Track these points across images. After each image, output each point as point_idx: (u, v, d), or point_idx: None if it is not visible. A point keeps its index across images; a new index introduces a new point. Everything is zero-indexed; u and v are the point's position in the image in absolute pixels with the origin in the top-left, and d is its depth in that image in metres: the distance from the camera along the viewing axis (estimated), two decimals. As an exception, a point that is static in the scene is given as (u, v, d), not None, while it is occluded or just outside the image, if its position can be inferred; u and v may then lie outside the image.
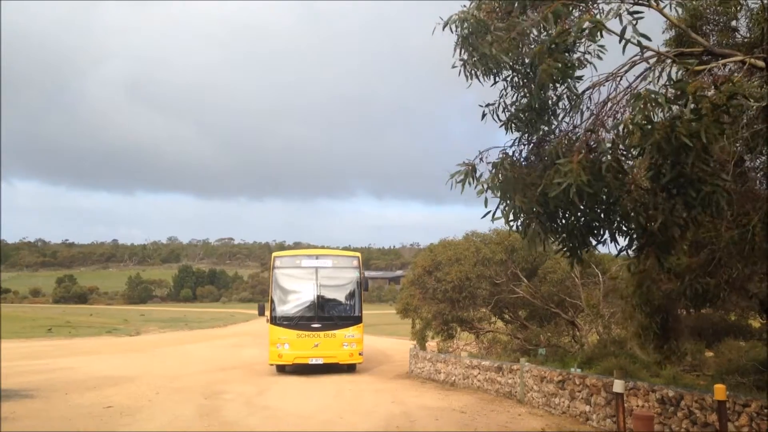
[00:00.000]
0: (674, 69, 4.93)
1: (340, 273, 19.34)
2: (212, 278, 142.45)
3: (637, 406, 8.97)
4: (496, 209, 5.87)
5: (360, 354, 18.65)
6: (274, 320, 18.52)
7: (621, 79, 5.77)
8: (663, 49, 5.78)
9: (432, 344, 21.53)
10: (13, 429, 10.15)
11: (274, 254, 20.05)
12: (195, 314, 78.02)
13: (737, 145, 6.44)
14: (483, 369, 14.46)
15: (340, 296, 19.39)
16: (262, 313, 19.78)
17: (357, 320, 18.91)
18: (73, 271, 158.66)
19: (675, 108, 4.61)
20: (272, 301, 18.81)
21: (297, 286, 19.14)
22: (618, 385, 5.30)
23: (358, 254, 20.46)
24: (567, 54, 5.40)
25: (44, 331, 41.85)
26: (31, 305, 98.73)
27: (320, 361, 18.23)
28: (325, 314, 18.81)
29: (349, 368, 19.16)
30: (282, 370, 19.02)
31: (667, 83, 4.70)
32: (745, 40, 7.88)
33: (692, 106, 4.49)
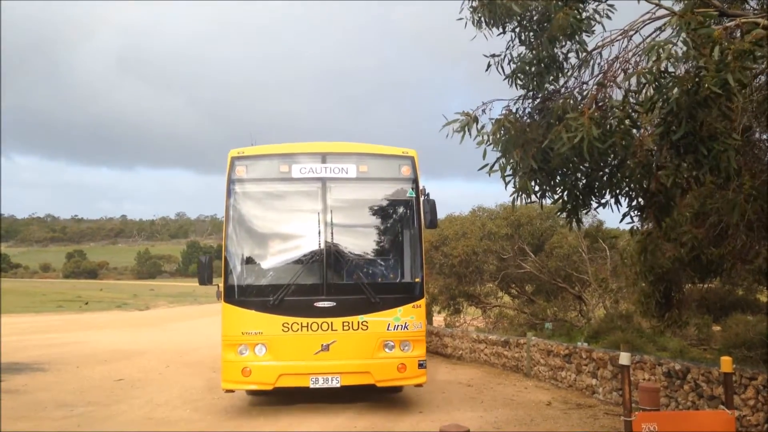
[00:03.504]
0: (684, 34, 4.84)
1: (375, 191, 9.71)
2: (220, 254, 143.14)
3: (644, 379, 9.01)
4: (495, 163, 5.83)
5: (421, 365, 9.17)
6: (233, 295, 9.33)
7: (631, 38, 5.69)
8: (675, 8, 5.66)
9: (439, 319, 21.66)
10: (27, 401, 10.31)
11: (231, 153, 9.58)
12: (203, 289, 78.44)
13: (745, 114, 6.36)
14: (490, 343, 14.52)
15: (376, 242, 9.88)
16: (206, 279, 9.99)
17: (412, 292, 9.35)
18: (82, 246, 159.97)
19: (693, 60, 4.52)
20: (228, 258, 9.50)
21: (282, 222, 9.83)
22: (624, 358, 5.30)
23: (414, 152, 9.85)
24: (581, 5, 5.31)
25: (54, 306, 42.30)
26: (41, 280, 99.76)
27: (334, 382, 8.89)
28: (344, 280, 9.38)
29: (388, 390, 9.92)
30: (256, 394, 10.27)
31: (688, 32, 4.59)
32: (755, 10, 7.78)
33: (718, 53, 4.39)
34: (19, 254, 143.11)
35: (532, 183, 5.83)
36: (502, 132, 5.67)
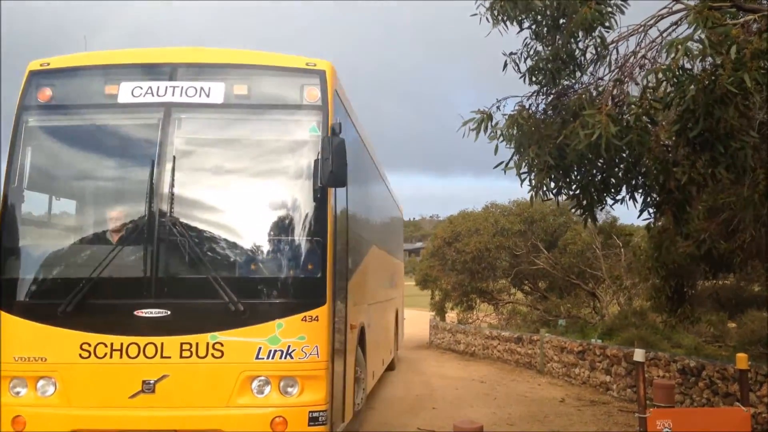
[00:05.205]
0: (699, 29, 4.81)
1: (255, 126, 5.76)
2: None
3: (658, 376, 8.97)
4: (509, 160, 5.84)
5: (314, 419, 5.16)
6: (5, 296, 5.38)
7: (645, 33, 5.67)
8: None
9: (452, 315, 21.66)
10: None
11: (31, 66, 5.83)
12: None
13: (763, 109, 6.31)
14: (502, 340, 14.51)
15: (247, 210, 5.61)
16: None
17: (304, 294, 5.35)
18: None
19: (710, 58, 4.51)
20: (2, 235, 5.48)
21: (92, 177, 5.96)
22: (638, 354, 5.30)
23: (327, 65, 5.76)
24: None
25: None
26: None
27: None
28: (186, 273, 5.33)
29: None
30: None
31: (706, 30, 4.56)
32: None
33: (735, 52, 4.36)
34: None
35: (548, 179, 5.83)
36: (516, 128, 5.67)
